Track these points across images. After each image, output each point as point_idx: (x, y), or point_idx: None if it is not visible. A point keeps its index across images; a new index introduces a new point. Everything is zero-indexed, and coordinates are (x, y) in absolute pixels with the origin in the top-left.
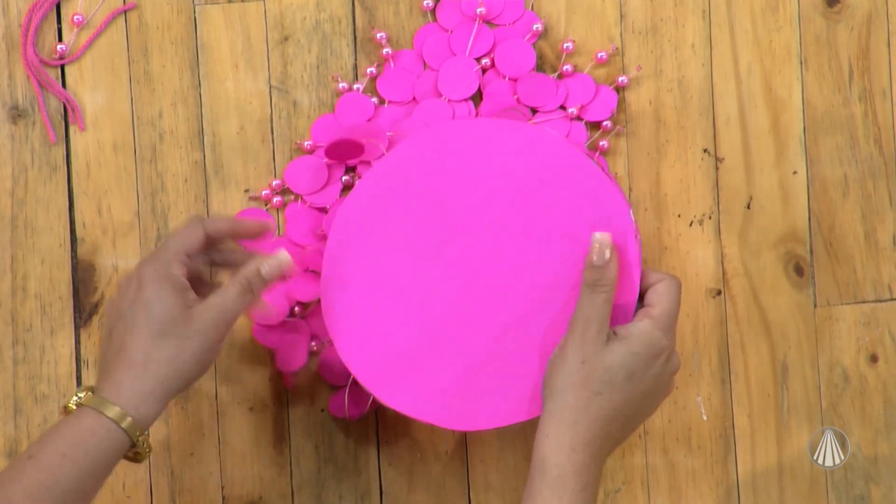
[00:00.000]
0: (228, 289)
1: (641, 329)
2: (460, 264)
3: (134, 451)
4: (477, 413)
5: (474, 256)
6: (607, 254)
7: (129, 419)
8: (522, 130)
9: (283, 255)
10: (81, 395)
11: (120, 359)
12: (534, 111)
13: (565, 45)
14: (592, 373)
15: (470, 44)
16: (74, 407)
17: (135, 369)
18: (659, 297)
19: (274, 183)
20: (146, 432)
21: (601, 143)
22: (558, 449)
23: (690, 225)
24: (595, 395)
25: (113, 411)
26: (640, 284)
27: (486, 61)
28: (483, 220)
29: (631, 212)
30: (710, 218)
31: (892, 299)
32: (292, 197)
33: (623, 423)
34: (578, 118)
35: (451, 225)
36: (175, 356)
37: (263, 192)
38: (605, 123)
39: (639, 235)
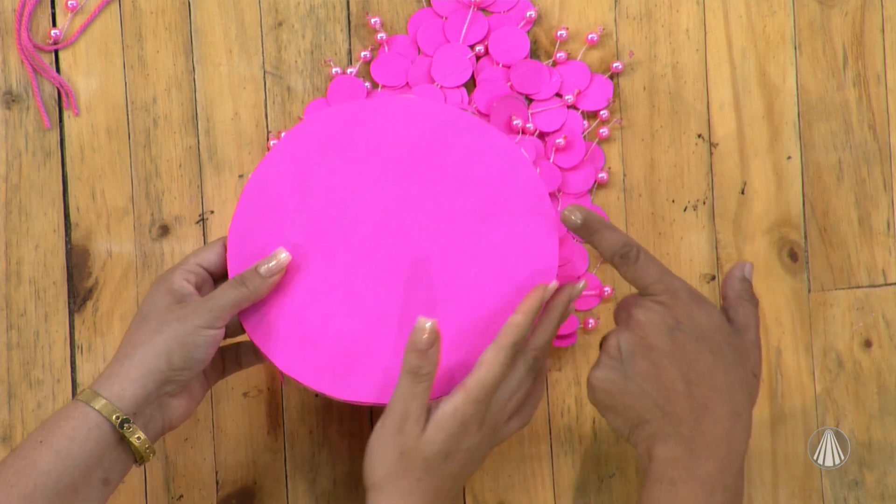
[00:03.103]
0: (223, 285)
1: (451, 409)
2: (366, 240)
3: (134, 450)
4: (375, 385)
5: (381, 232)
6: (429, 339)
7: (102, 400)
8: (432, 109)
9: (282, 254)
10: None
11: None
12: (529, 99)
13: (559, 33)
14: (412, 463)
15: (464, 30)
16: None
17: (116, 357)
18: (478, 365)
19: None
20: (133, 425)
21: (601, 131)
22: None
23: (684, 210)
24: (417, 481)
25: (85, 394)
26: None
27: (479, 48)
28: (391, 196)
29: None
30: (704, 203)
31: (886, 284)
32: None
33: (452, 485)
34: (574, 107)
35: (357, 200)
36: (151, 338)
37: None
38: (601, 113)
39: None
